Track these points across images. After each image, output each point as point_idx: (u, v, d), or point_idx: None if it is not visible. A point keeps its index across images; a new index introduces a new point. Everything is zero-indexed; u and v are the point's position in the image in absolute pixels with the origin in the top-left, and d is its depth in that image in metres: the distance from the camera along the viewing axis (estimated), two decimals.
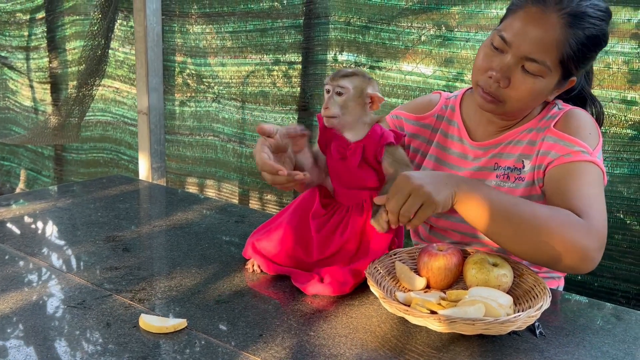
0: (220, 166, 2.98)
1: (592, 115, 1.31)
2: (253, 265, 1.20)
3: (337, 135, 1.15)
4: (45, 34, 3.61)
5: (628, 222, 1.88)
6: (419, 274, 1.10)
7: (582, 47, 1.14)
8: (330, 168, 1.19)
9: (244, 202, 2.90)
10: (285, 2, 2.57)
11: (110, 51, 3.03)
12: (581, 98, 1.32)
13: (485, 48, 1.21)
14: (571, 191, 1.12)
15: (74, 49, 3.52)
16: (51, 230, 1.43)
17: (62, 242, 1.35)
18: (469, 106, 1.37)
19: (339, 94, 1.09)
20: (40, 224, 1.47)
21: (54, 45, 3.60)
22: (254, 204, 2.88)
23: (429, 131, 1.41)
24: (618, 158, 1.84)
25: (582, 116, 1.24)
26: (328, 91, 1.11)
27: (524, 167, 1.24)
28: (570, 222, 1.05)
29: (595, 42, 1.16)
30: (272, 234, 1.18)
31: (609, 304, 1.14)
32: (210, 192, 3.05)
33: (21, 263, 1.23)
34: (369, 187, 1.14)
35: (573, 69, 1.17)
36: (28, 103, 3.87)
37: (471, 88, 1.38)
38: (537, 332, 0.97)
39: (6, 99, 4.00)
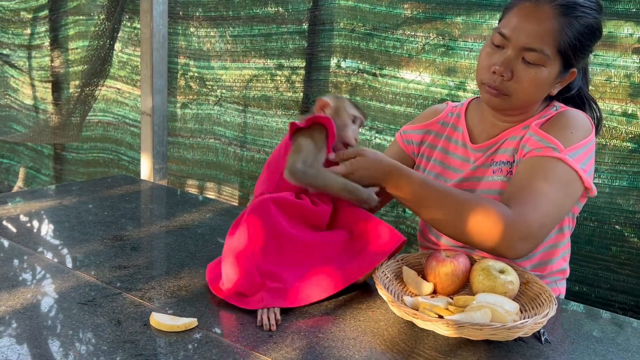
0: (221, 169, 2.99)
1: (594, 112, 1.35)
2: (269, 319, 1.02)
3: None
4: (48, 33, 3.62)
5: (626, 234, 1.90)
6: (425, 279, 1.12)
7: (578, 35, 1.19)
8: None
9: (244, 205, 2.91)
10: (290, 7, 2.59)
11: (113, 52, 3.04)
12: (580, 100, 1.35)
13: (486, 48, 1.26)
14: (521, 181, 1.17)
15: (77, 48, 3.52)
16: (58, 228, 1.44)
17: (70, 240, 1.36)
18: (474, 113, 1.41)
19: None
20: (47, 222, 1.48)
21: (57, 45, 3.60)
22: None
23: (432, 136, 1.46)
24: (617, 170, 1.86)
25: (573, 116, 1.26)
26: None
27: (514, 161, 1.27)
28: (489, 210, 1.11)
29: (591, 31, 1.20)
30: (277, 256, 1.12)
31: (609, 312, 1.16)
32: (210, 195, 3.05)
33: (30, 260, 1.23)
34: None
35: (572, 58, 1.21)
36: (29, 101, 3.87)
37: (478, 97, 1.41)
38: (543, 338, 0.98)
39: (7, 96, 3.99)
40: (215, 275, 1.14)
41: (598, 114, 1.36)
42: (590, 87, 1.41)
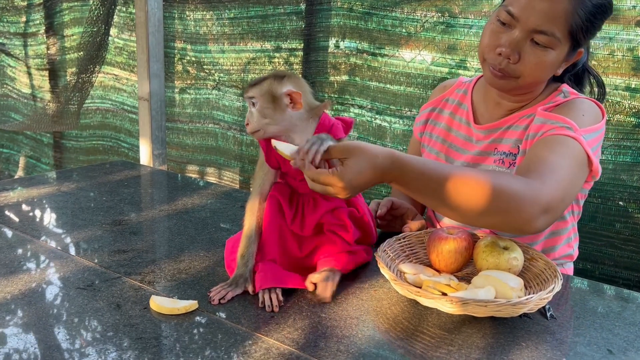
0: (221, 154, 2.97)
1: (593, 87, 1.32)
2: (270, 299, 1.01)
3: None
4: (43, 20, 3.58)
5: (630, 210, 1.88)
6: (428, 257, 1.11)
7: (590, 16, 1.14)
8: (290, 181, 1.12)
9: (244, 189, 2.90)
10: None
11: (109, 38, 3.01)
12: (581, 72, 1.32)
13: (491, 25, 1.20)
14: (536, 156, 1.09)
15: (73, 35, 3.49)
16: (57, 214, 1.43)
17: (69, 226, 1.34)
18: (480, 90, 1.37)
19: (254, 104, 1.03)
20: (46, 208, 1.47)
21: (52, 32, 3.57)
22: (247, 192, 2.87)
23: (436, 113, 1.44)
24: (621, 146, 1.84)
25: (583, 102, 1.22)
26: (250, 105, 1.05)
27: (518, 152, 1.23)
28: (507, 182, 1.00)
29: (603, 10, 1.16)
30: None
31: (615, 287, 1.15)
32: (211, 180, 3.04)
33: (28, 246, 1.22)
34: None
35: (582, 39, 1.17)
36: (26, 90, 3.84)
37: None
38: (548, 314, 0.97)
39: (4, 85, 3.97)
40: (231, 252, 1.12)
41: (599, 81, 1.33)
42: (592, 62, 1.38)
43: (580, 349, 0.89)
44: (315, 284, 1.04)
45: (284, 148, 0.98)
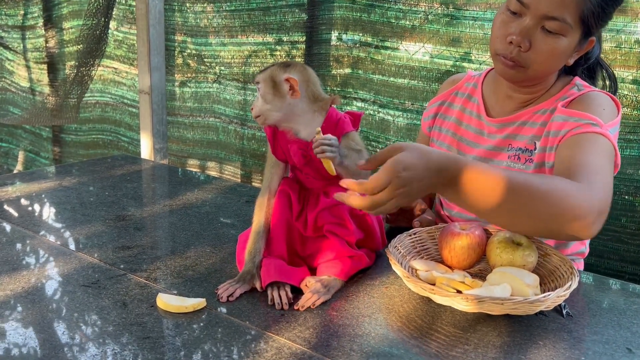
0: (222, 148, 2.94)
1: (605, 80, 1.30)
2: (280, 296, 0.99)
3: (293, 139, 1.05)
4: (41, 13, 3.54)
5: (636, 204, 1.86)
6: (440, 253, 1.08)
7: (601, 2, 1.11)
8: (298, 174, 1.11)
9: (247, 184, 2.87)
10: None
11: (108, 30, 2.97)
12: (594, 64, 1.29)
13: (501, 15, 1.18)
14: (576, 159, 1.07)
15: (71, 28, 3.45)
16: (59, 209, 1.40)
17: (71, 222, 1.32)
18: (490, 83, 1.35)
19: (259, 90, 1.04)
20: (48, 203, 1.44)
21: (51, 25, 3.53)
22: (256, 186, 2.85)
23: (445, 107, 1.41)
24: (627, 140, 1.82)
25: (599, 96, 1.20)
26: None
27: (535, 148, 1.21)
28: (565, 187, 0.96)
29: None
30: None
31: (632, 284, 1.13)
32: (212, 174, 3.01)
33: (30, 242, 1.20)
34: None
35: (593, 25, 1.14)
36: (25, 83, 3.81)
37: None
38: (564, 312, 0.95)
39: (2, 79, 3.93)
40: (242, 247, 1.09)
41: (611, 74, 1.30)
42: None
43: (599, 348, 0.87)
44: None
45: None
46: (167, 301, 0.94)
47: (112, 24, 3.08)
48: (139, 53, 2.63)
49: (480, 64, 2.07)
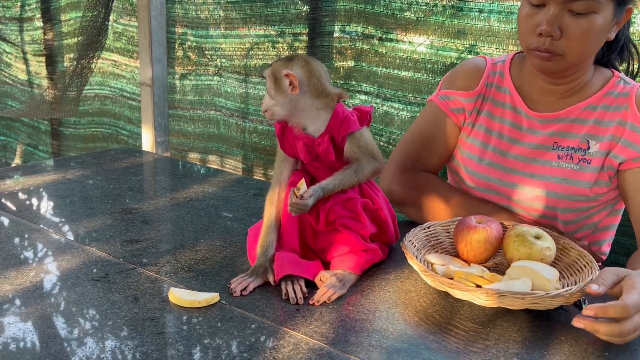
0: (223, 141, 2.91)
1: (631, 64, 1.25)
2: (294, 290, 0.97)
3: (300, 135, 1.04)
4: (39, 5, 3.50)
5: None
6: (455, 247, 1.07)
7: None
8: (308, 167, 1.09)
9: (248, 177, 2.85)
10: None
11: (108, 23, 2.94)
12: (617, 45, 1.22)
13: (524, 9, 1.12)
14: None
15: (69, 20, 3.41)
16: (64, 202, 1.38)
17: (77, 215, 1.29)
18: (520, 72, 1.27)
19: (266, 85, 1.03)
20: (52, 197, 1.42)
21: (49, 17, 3.48)
22: (259, 179, 2.83)
23: (480, 100, 1.29)
24: None
25: None
26: None
27: (588, 147, 1.16)
28: None
29: None
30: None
31: None
32: (214, 168, 2.99)
33: (37, 237, 1.17)
34: None
35: None
36: (23, 76, 3.77)
37: (519, 53, 1.30)
38: (584, 306, 0.93)
39: (0, 72, 3.89)
40: (253, 241, 1.07)
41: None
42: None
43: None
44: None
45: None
46: (180, 296, 0.92)
47: (112, 16, 3.05)
48: (140, 45, 2.60)
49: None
